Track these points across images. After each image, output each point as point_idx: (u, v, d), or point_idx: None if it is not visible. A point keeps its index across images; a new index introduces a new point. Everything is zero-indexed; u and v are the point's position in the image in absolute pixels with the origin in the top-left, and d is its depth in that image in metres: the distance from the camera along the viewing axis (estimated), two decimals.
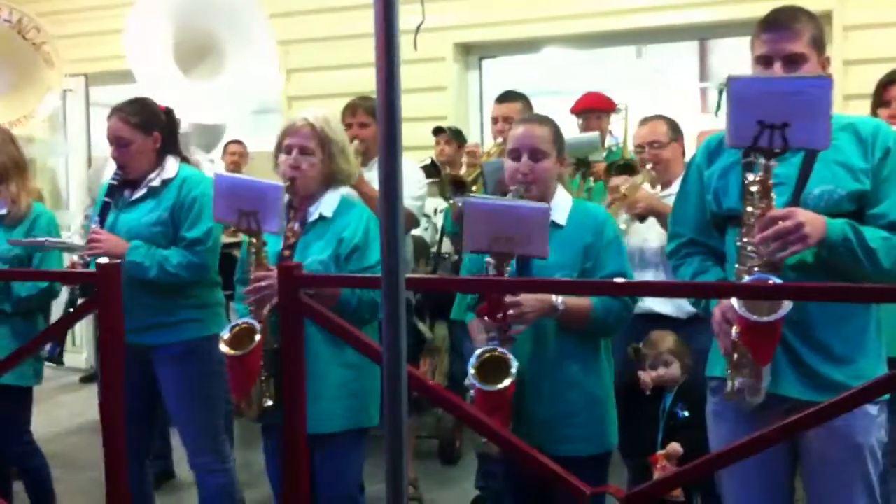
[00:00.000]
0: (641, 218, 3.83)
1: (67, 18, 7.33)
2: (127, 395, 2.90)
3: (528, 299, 2.65)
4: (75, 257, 3.54)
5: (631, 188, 3.81)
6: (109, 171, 5.75)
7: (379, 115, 1.54)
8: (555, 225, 2.78)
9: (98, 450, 5.34)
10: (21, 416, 3.87)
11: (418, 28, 3.61)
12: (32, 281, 3.67)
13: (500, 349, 2.63)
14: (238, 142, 7.05)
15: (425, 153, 5.62)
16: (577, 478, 2.08)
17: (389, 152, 1.55)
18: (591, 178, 4.46)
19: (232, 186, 2.95)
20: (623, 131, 5.03)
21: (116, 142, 3.46)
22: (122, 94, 7.51)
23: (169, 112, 3.63)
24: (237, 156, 6.94)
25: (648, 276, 3.86)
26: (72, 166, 7.78)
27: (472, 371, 2.63)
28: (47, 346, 3.51)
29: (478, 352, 2.67)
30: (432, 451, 5.05)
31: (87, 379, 7.24)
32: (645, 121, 4.15)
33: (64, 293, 3.74)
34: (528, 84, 5.08)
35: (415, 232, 4.99)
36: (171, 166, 3.52)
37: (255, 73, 5.01)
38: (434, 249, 5.38)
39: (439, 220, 5.44)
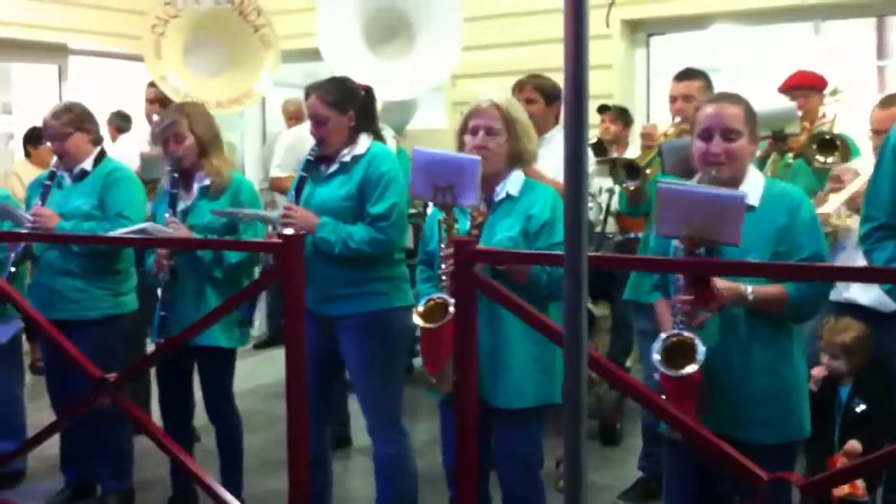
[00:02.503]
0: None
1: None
2: (310, 362, 3.05)
3: (720, 286, 2.59)
4: (271, 229, 3.71)
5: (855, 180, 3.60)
6: (282, 144, 6.02)
7: (566, 92, 1.55)
8: (747, 207, 2.68)
9: (269, 412, 5.62)
10: (229, 376, 4.12)
11: (611, 5, 3.58)
12: (223, 250, 3.85)
13: (686, 333, 2.59)
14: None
15: (590, 132, 5.58)
16: (759, 464, 2.03)
17: (576, 130, 1.55)
18: (790, 155, 4.24)
19: (430, 161, 3.01)
20: (835, 113, 4.74)
21: (314, 119, 3.59)
22: (296, 72, 7.78)
23: (368, 91, 3.73)
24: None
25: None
26: (247, 141, 8.11)
27: (657, 356, 2.61)
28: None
29: (663, 336, 2.63)
30: (592, 432, 5.03)
31: (260, 345, 7.58)
32: (886, 104, 3.90)
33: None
34: (696, 62, 4.93)
35: None
36: (363, 143, 3.63)
37: (440, 50, 5.07)
38: (598, 229, 5.36)
39: (604, 200, 5.41)
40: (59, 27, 7.45)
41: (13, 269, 4.12)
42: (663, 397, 2.55)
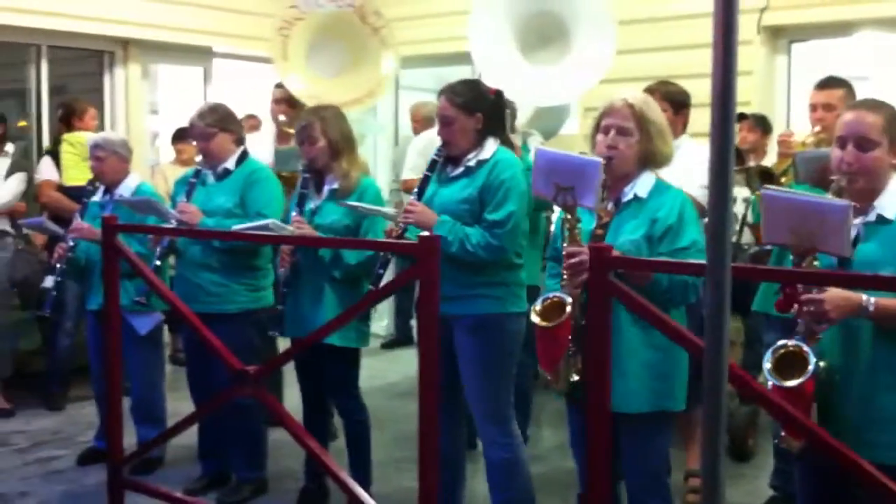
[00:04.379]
0: None
1: (378, 4, 7.74)
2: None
3: (831, 296, 2.50)
4: (391, 224, 3.79)
5: None
6: (414, 148, 6.12)
7: (713, 98, 1.52)
8: (882, 219, 2.62)
9: (397, 410, 5.71)
10: (350, 374, 4.18)
11: (763, 10, 3.50)
12: (359, 249, 3.93)
13: (793, 343, 2.52)
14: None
15: None
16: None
17: (722, 137, 1.52)
18: None
19: (551, 161, 3.01)
20: None
21: (441, 120, 3.62)
22: (427, 76, 7.87)
23: (498, 94, 3.74)
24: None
25: None
26: (380, 144, 8.25)
27: (767, 366, 2.54)
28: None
29: (775, 346, 2.57)
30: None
31: (388, 345, 7.70)
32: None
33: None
34: (839, 69, 4.78)
35: None
36: (489, 147, 3.62)
37: (595, 53, 5.04)
38: (734, 239, 5.24)
39: (740, 210, 5.29)
40: (204, 31, 7.73)
41: (158, 263, 4.32)
42: None
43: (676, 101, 4.25)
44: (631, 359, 2.95)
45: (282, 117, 5.71)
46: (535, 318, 2.95)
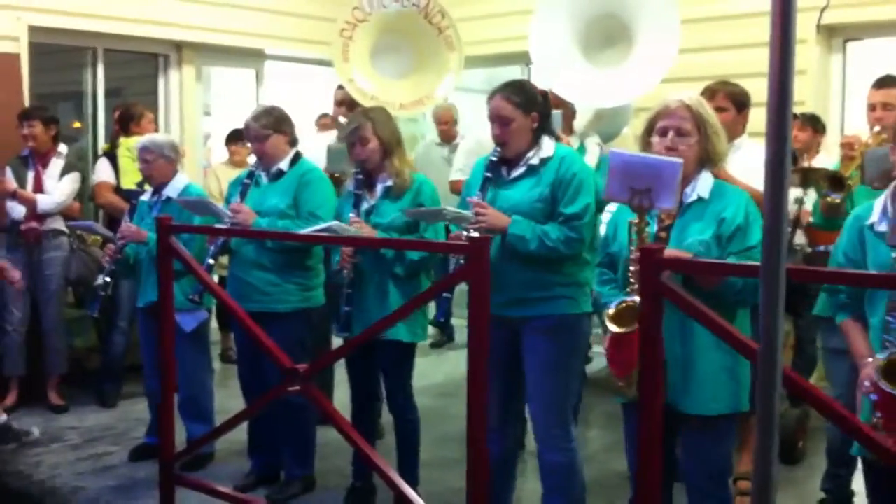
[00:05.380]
0: None
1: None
2: (493, 365, 3.06)
3: None
4: (457, 231, 3.77)
5: None
6: (462, 149, 6.10)
7: (769, 98, 1.51)
8: None
9: (443, 410, 5.70)
10: (408, 370, 4.20)
11: (824, 9, 3.46)
12: (413, 250, 3.95)
13: None
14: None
15: None
16: None
17: (779, 137, 1.51)
18: None
19: (626, 164, 2.93)
20: None
21: (499, 120, 3.59)
22: (476, 76, 7.87)
23: (545, 95, 3.74)
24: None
25: None
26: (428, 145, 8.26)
27: (878, 375, 2.50)
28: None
29: (886, 353, 2.53)
30: None
31: (435, 345, 7.72)
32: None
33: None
34: (893, 69, 4.70)
35: None
36: (548, 145, 3.62)
37: (658, 53, 4.99)
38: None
39: (792, 211, 5.20)
40: (256, 33, 7.83)
41: (212, 262, 4.37)
42: (877, 416, 2.46)
43: (739, 101, 4.21)
44: (708, 361, 2.93)
45: (342, 118, 5.74)
46: (609, 324, 2.90)
